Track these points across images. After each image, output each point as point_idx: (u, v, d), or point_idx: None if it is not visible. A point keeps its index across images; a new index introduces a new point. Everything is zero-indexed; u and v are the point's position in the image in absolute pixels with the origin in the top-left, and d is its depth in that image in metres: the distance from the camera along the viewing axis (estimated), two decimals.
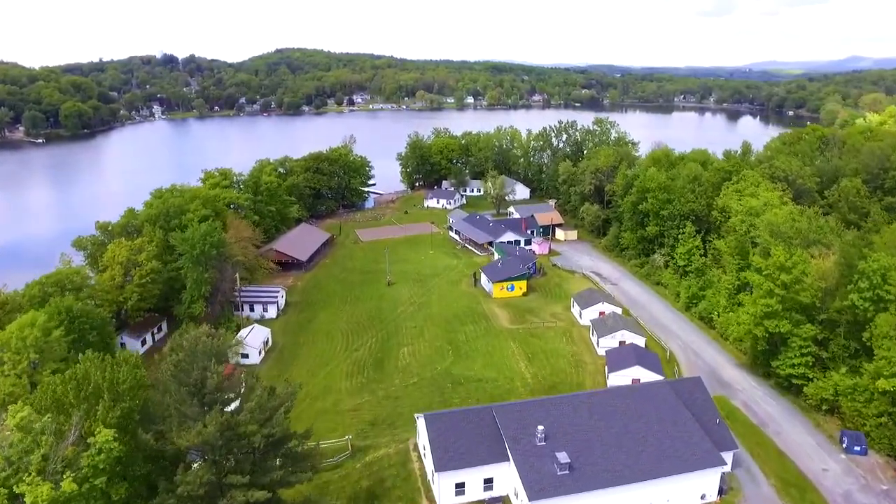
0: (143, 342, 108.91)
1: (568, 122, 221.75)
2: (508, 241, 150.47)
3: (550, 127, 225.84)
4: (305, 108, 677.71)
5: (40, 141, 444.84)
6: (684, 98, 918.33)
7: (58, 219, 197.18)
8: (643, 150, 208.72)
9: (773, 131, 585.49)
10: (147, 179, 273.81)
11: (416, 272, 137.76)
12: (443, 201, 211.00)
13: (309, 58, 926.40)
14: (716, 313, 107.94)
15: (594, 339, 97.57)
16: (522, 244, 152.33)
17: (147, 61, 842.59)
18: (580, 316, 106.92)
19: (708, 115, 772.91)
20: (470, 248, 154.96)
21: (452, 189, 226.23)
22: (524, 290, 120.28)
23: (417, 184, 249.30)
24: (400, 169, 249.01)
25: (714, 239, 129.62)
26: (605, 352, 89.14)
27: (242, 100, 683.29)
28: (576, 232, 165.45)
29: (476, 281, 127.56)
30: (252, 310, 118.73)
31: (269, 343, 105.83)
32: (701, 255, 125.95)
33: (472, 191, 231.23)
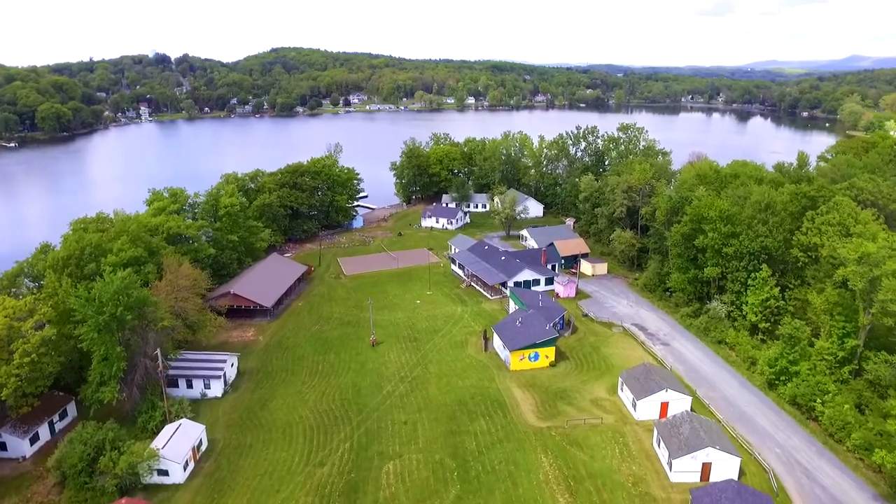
0: (35, 438, 79.51)
1: (588, 127, 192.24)
2: (525, 282, 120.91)
3: (567, 133, 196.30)
4: (299, 110, 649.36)
5: (13, 145, 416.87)
6: (692, 98, 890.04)
7: None
8: (676, 160, 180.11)
9: (788, 133, 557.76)
10: (114, 191, 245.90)
11: (409, 325, 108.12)
12: (443, 220, 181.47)
13: (305, 57, 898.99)
14: (819, 401, 78.48)
15: (662, 454, 67.96)
16: (543, 283, 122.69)
17: (139, 61, 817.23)
18: (633, 407, 77.32)
19: (717, 115, 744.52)
20: (477, 287, 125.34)
21: (454, 206, 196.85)
22: (552, 358, 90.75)
23: (414, 197, 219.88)
24: (394, 180, 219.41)
25: (795, 285, 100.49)
26: (692, 494, 59.20)
27: (234, 100, 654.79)
28: (605, 265, 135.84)
29: (487, 341, 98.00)
30: (190, 386, 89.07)
31: (204, 446, 76.23)
32: (777, 307, 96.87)
33: (477, 206, 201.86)
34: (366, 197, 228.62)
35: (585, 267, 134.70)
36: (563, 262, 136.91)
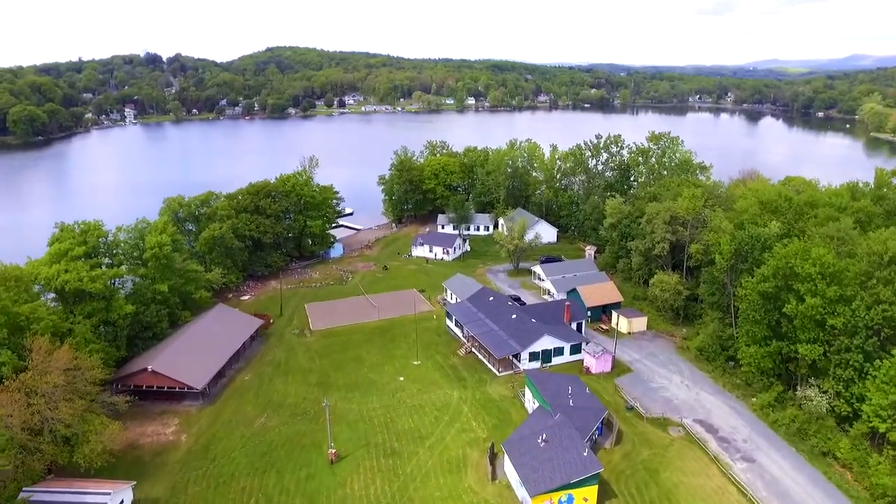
0: None
1: (611, 136, 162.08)
2: (544, 351, 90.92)
3: (586, 143, 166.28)
4: (291, 111, 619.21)
5: None
6: (699, 98, 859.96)
7: None
8: (717, 175, 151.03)
9: (806, 135, 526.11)
10: (62, 208, 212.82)
11: (387, 423, 78.17)
12: (437, 249, 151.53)
13: (301, 56, 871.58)
14: None
15: None
16: (567, 352, 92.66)
17: (129, 61, 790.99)
18: None
19: (726, 116, 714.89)
20: (480, 356, 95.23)
21: (452, 229, 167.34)
22: (592, 501, 60.77)
23: (406, 217, 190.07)
24: (383, 197, 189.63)
25: None
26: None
27: (223, 102, 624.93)
28: (645, 319, 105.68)
29: (494, 463, 68.03)
30: None
31: None
32: None
33: (478, 228, 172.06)
34: (350, 215, 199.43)
35: (620, 321, 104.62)
36: (589, 314, 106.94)
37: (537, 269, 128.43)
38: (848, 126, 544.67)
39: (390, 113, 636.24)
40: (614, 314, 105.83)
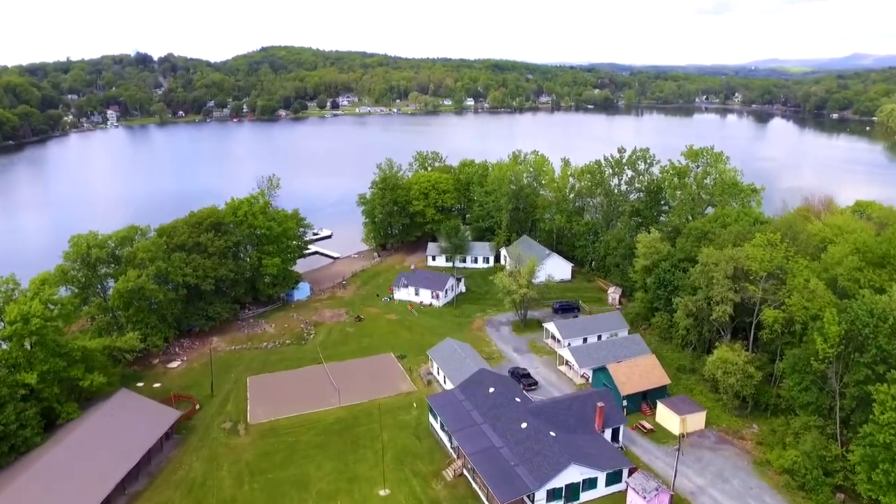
0: None
1: (637, 151, 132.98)
2: (571, 486, 61.99)
3: (606, 159, 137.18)
4: (282, 113, 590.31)
5: None
6: (706, 99, 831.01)
7: None
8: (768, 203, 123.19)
9: (822, 138, 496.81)
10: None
11: None
12: (425, 293, 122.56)
13: (295, 56, 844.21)
14: None
15: None
16: (601, 484, 63.62)
17: (119, 61, 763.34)
18: None
19: (734, 117, 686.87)
20: (475, 485, 66.18)
21: (444, 261, 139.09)
22: None
23: (391, 244, 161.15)
24: (363, 220, 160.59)
25: None
26: None
27: (211, 103, 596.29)
28: (703, 415, 76.69)
29: None
30: None
31: None
32: None
33: (476, 261, 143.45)
34: (328, 238, 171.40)
35: (666, 417, 75.87)
36: (626, 405, 78.15)
37: (551, 326, 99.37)
38: (868, 129, 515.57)
39: (385, 115, 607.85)
40: (660, 406, 77.09)
